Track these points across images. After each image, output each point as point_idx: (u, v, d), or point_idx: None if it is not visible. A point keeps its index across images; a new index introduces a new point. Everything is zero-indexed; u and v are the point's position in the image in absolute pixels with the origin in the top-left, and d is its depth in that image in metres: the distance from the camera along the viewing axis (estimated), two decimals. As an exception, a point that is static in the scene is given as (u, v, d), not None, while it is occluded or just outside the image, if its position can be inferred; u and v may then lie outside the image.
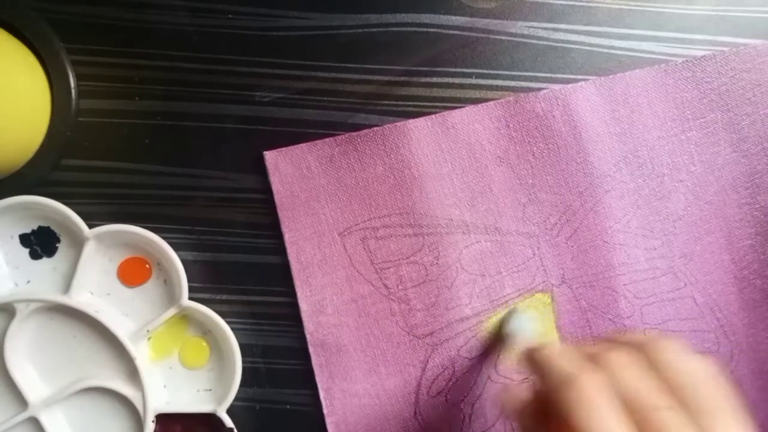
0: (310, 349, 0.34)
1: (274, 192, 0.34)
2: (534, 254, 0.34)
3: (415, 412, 0.34)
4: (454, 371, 0.34)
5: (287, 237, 0.34)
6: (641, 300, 0.34)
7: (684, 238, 0.34)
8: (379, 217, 0.34)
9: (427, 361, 0.34)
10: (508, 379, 0.34)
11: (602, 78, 0.34)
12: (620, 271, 0.34)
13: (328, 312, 0.34)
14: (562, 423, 0.21)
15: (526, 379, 0.34)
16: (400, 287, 0.34)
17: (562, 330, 0.34)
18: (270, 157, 0.34)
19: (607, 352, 0.23)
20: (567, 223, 0.34)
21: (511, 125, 0.34)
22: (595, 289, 0.34)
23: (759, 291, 0.35)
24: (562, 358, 0.23)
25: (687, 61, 0.34)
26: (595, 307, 0.34)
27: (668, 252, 0.34)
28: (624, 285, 0.34)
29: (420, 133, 0.34)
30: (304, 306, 0.34)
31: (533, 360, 0.25)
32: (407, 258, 0.34)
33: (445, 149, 0.34)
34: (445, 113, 0.34)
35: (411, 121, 0.34)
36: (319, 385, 0.34)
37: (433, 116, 0.34)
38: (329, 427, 0.34)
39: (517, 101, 0.34)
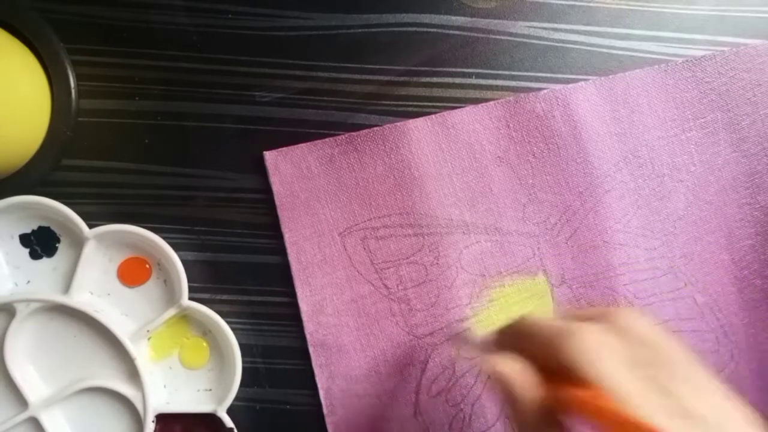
0: (310, 349, 0.34)
1: (274, 192, 0.34)
2: (534, 254, 0.34)
3: (415, 412, 0.34)
4: (454, 371, 0.34)
5: (287, 237, 0.34)
6: (641, 300, 0.34)
7: (684, 238, 0.34)
8: (379, 217, 0.34)
9: (427, 361, 0.34)
10: None
11: (602, 78, 0.34)
12: (620, 271, 0.34)
13: (328, 312, 0.34)
14: (562, 377, 0.21)
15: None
16: (400, 287, 0.34)
17: None
18: (270, 157, 0.34)
19: (583, 321, 0.24)
20: (567, 223, 0.34)
21: (511, 125, 0.34)
22: (595, 289, 0.34)
23: (759, 291, 0.35)
24: (551, 320, 0.24)
25: (687, 61, 0.34)
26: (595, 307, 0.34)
27: (668, 252, 0.34)
28: (624, 285, 0.34)
29: (420, 133, 0.34)
30: (304, 306, 0.34)
31: (518, 328, 0.25)
32: (407, 258, 0.34)
33: (445, 149, 0.34)
34: (445, 113, 0.34)
35: (411, 121, 0.34)
36: (319, 385, 0.34)
37: (433, 116, 0.34)
38: (329, 427, 0.34)
39: (517, 101, 0.34)
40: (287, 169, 0.34)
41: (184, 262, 0.33)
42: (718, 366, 0.35)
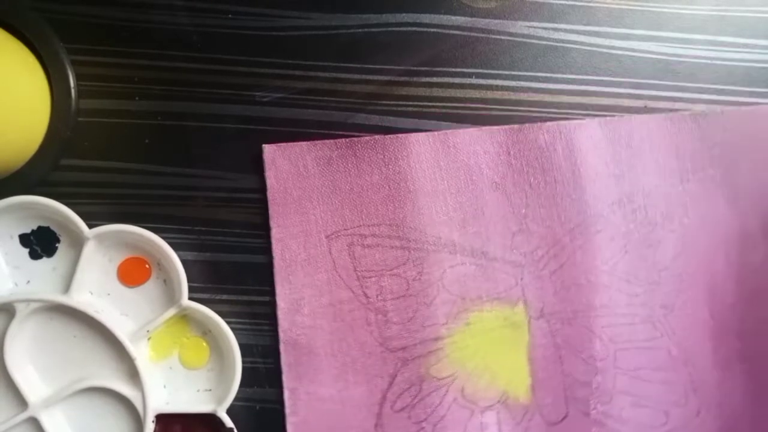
0: (281, 347, 0.34)
1: (268, 186, 0.34)
2: (517, 284, 0.34)
3: (376, 425, 0.34)
4: (420, 389, 0.34)
5: (274, 232, 0.34)
6: (616, 344, 0.34)
7: (667, 289, 0.34)
8: (369, 225, 0.34)
9: (396, 375, 0.34)
10: (474, 405, 0.34)
11: (607, 118, 0.34)
12: (600, 313, 0.34)
13: (305, 312, 0.34)
14: None
15: (491, 406, 0.34)
16: (379, 298, 0.34)
17: (534, 363, 0.34)
18: (269, 151, 0.34)
19: None
20: (554, 257, 0.34)
21: (512, 153, 0.34)
22: (573, 327, 0.34)
23: (734, 351, 0.34)
24: None
25: (694, 113, 0.34)
26: (570, 344, 0.34)
27: (650, 300, 0.34)
28: (602, 327, 0.34)
29: (420, 148, 0.34)
30: (281, 303, 0.34)
31: None
32: (391, 270, 0.34)
33: (443, 167, 0.34)
34: (448, 132, 0.34)
35: (413, 134, 0.34)
36: (285, 384, 0.34)
37: (435, 133, 0.34)
38: (289, 427, 0.33)
39: (521, 129, 0.34)
40: (284, 165, 0.34)
41: (184, 262, 0.33)
42: (684, 420, 0.34)
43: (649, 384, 0.34)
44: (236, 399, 0.33)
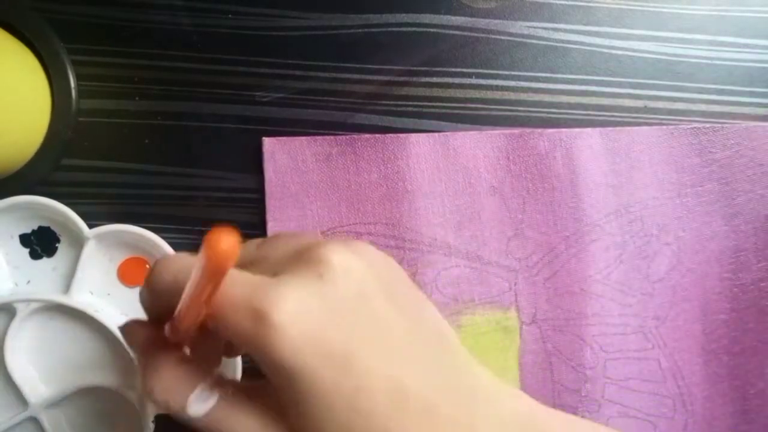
0: None
1: (266, 179, 0.34)
2: (510, 288, 0.34)
3: None
4: None
5: (270, 226, 0.34)
6: (607, 353, 0.34)
7: (660, 301, 0.34)
8: (365, 224, 0.34)
9: None
10: None
11: (608, 129, 0.34)
12: (591, 321, 0.34)
13: None
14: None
15: None
16: None
17: (524, 368, 0.34)
18: (268, 144, 0.34)
19: None
20: (548, 264, 0.34)
21: (511, 158, 0.34)
22: (564, 335, 0.34)
23: (724, 367, 0.34)
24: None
25: (694, 128, 0.34)
26: (561, 352, 0.34)
27: (642, 311, 0.34)
28: (593, 336, 0.34)
29: (420, 149, 0.34)
30: None
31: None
32: None
33: (442, 169, 0.34)
34: (449, 134, 0.34)
35: (413, 135, 0.34)
36: None
37: (435, 134, 0.34)
38: None
39: (521, 135, 0.34)
40: (282, 159, 0.34)
41: (184, 262, 0.33)
42: None
43: (638, 394, 0.34)
44: (236, 399, 0.33)
